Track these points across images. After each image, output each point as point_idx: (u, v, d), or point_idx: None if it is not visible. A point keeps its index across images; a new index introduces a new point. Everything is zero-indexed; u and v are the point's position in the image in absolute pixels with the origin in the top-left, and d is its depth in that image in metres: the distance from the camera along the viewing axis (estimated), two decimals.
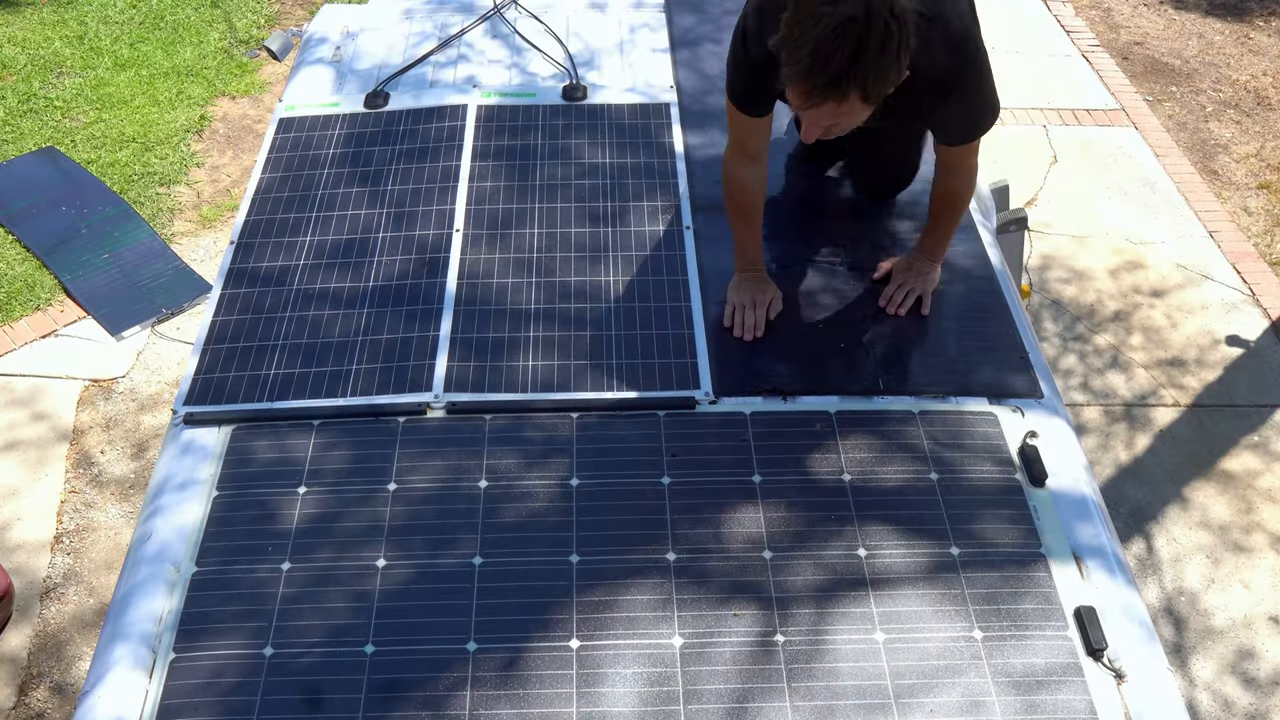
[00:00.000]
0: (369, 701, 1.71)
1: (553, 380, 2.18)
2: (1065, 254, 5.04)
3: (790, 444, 2.07)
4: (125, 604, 1.86)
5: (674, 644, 1.78)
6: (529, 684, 1.73)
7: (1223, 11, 6.94)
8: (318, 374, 2.21)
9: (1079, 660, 1.76)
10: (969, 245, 2.51)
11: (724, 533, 1.93)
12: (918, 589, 1.85)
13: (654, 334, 2.28)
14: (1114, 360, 4.52)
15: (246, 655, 1.76)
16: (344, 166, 2.71)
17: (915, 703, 1.71)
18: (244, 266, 2.47)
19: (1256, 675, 3.47)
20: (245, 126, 5.65)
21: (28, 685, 3.37)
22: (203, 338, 2.32)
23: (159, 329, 4.51)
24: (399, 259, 2.46)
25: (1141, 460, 4.12)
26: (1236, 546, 3.83)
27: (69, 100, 5.68)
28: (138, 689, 1.74)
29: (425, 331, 2.29)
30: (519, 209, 2.58)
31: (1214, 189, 5.48)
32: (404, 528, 1.93)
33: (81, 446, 4.06)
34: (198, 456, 2.07)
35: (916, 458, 2.05)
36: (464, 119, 2.83)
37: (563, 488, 1.99)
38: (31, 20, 6.31)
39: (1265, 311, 4.76)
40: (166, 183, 5.24)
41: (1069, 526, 1.95)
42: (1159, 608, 3.65)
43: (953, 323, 2.32)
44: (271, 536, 1.93)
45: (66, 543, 3.75)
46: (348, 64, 3.11)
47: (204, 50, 6.13)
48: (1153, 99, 6.13)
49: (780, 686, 1.72)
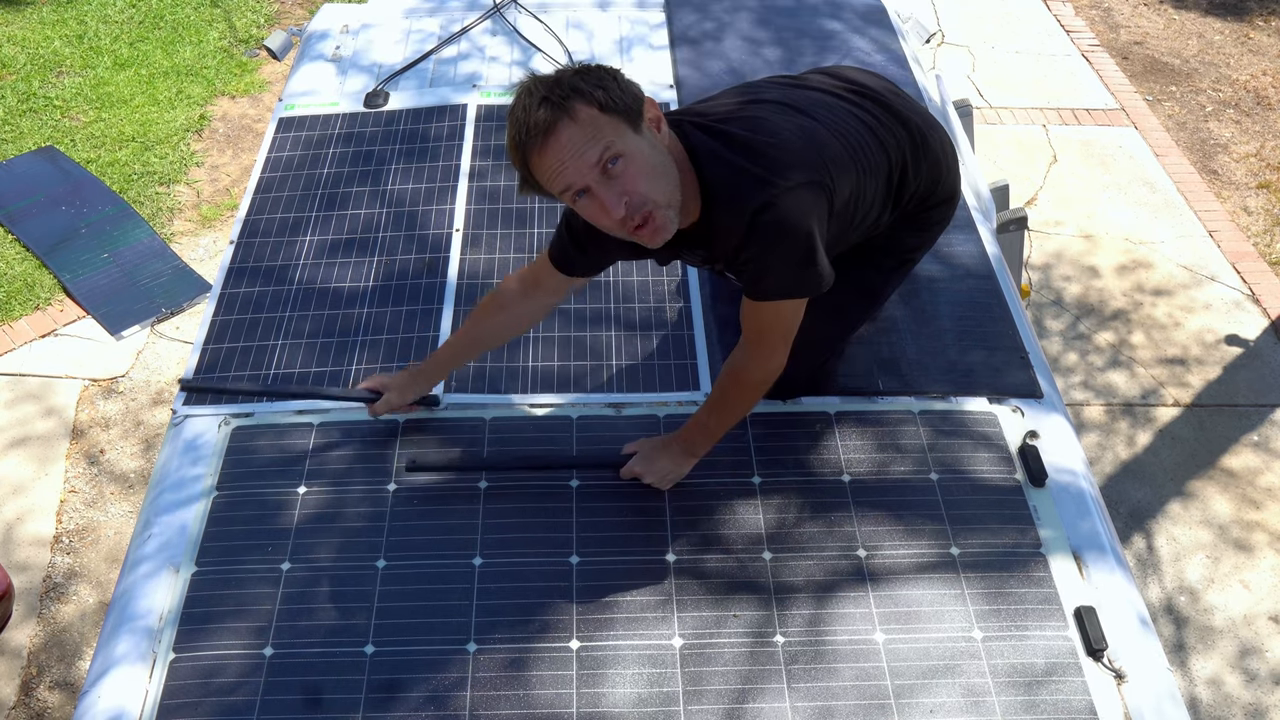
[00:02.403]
0: (369, 701, 1.71)
1: (553, 380, 2.18)
2: (1065, 254, 5.05)
3: (790, 444, 2.07)
4: (125, 602, 1.86)
5: (674, 644, 1.78)
6: (529, 684, 1.73)
7: (1223, 11, 6.94)
8: (317, 373, 2.21)
9: (1079, 660, 1.76)
10: (969, 245, 2.51)
11: (724, 533, 1.93)
12: (918, 589, 1.85)
13: (654, 333, 2.28)
14: (1114, 359, 4.53)
15: (246, 654, 1.76)
16: (344, 166, 2.71)
17: (915, 703, 1.71)
18: (244, 266, 2.47)
19: (1257, 674, 3.47)
20: (245, 126, 5.65)
21: (30, 683, 3.37)
22: (202, 337, 2.32)
23: (159, 328, 4.51)
24: (399, 258, 2.46)
25: (1141, 459, 4.12)
26: (1237, 545, 3.83)
27: (68, 99, 5.67)
28: (138, 687, 1.74)
29: (425, 331, 2.28)
30: (519, 208, 2.58)
31: (1214, 189, 5.48)
32: (404, 528, 1.93)
33: (82, 445, 4.06)
34: (198, 455, 2.07)
35: (916, 458, 2.05)
36: (464, 118, 2.83)
37: (563, 488, 1.99)
38: (31, 19, 6.30)
39: (1265, 311, 4.76)
40: (166, 182, 5.24)
41: (1069, 526, 1.95)
42: (1159, 607, 3.65)
43: (953, 322, 2.32)
44: (271, 536, 1.93)
45: (67, 541, 3.75)
46: (348, 63, 3.11)
47: (204, 50, 6.13)
48: (1153, 99, 6.13)
49: (780, 686, 1.72)
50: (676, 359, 2.23)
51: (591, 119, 1.64)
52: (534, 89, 1.66)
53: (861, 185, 1.89)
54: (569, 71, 1.68)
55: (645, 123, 1.71)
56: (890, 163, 1.96)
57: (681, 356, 2.23)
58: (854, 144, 1.88)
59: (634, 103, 1.69)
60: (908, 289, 2.39)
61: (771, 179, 1.73)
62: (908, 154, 1.99)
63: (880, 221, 2.03)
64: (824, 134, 1.84)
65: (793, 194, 1.73)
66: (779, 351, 1.89)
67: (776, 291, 1.81)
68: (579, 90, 1.64)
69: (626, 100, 1.67)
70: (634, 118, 1.68)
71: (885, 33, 3.15)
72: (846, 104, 1.97)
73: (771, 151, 1.76)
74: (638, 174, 1.67)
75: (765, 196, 1.73)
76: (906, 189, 2.02)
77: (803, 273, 1.78)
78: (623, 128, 1.67)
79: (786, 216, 1.73)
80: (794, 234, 1.74)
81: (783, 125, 1.82)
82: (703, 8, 3.27)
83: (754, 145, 1.77)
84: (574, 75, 1.66)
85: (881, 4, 3.30)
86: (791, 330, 1.88)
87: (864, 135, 1.91)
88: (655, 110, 1.74)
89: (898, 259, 2.15)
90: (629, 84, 1.70)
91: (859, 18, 3.20)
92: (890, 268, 2.15)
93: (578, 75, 1.67)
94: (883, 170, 1.95)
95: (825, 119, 1.88)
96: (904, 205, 2.05)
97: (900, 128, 1.99)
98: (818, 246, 1.78)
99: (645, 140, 1.70)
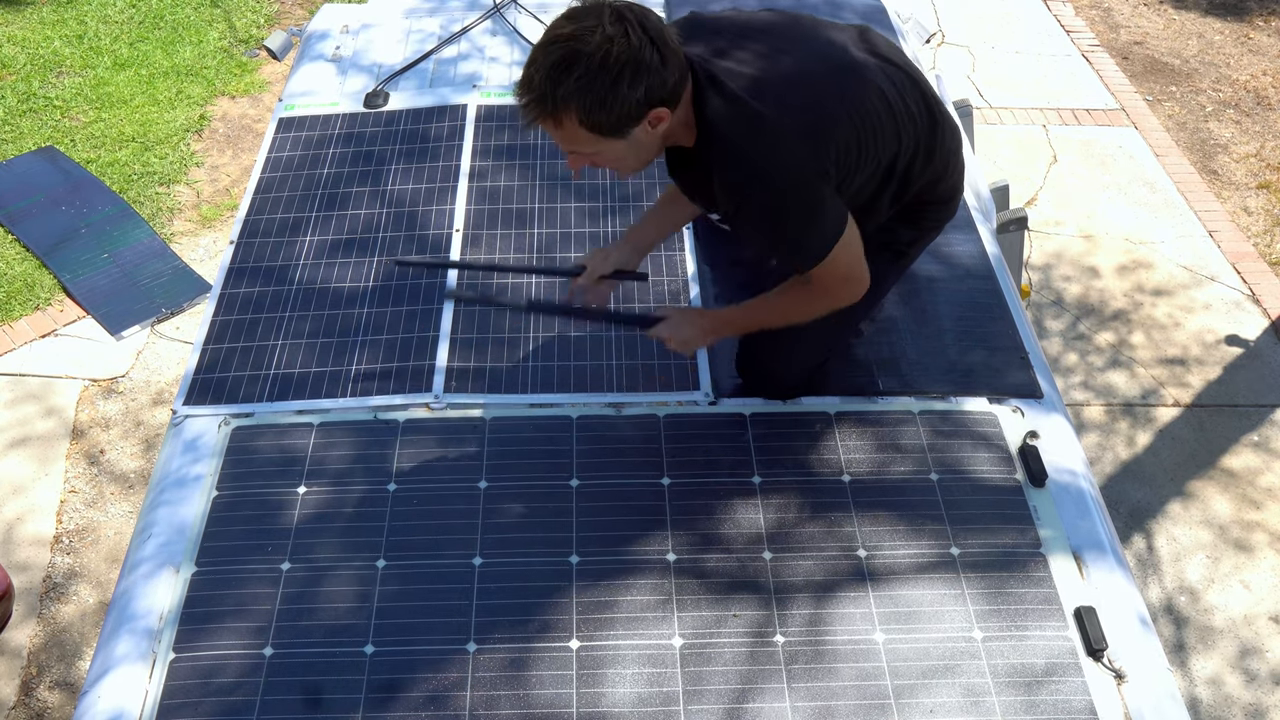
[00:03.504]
0: (369, 701, 1.71)
1: (553, 380, 2.18)
2: (1065, 254, 5.04)
3: (790, 444, 2.07)
4: (125, 602, 1.86)
5: (674, 644, 1.78)
6: (529, 684, 1.73)
7: (1223, 11, 6.94)
8: (317, 373, 2.21)
9: (1079, 660, 1.76)
10: (969, 245, 2.51)
11: (724, 533, 1.92)
12: (918, 589, 1.85)
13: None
14: (1114, 360, 4.52)
15: (246, 654, 1.76)
16: (344, 166, 2.71)
17: (915, 703, 1.71)
18: (244, 266, 2.47)
19: (1257, 674, 3.47)
20: (245, 126, 5.65)
21: (30, 682, 3.37)
22: (202, 337, 2.32)
23: (159, 328, 4.51)
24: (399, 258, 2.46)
25: (1141, 459, 4.12)
26: (1237, 545, 3.83)
27: (68, 99, 5.67)
28: (138, 687, 1.74)
29: (425, 331, 2.28)
30: (519, 208, 2.58)
31: (1214, 189, 5.48)
32: (404, 528, 1.93)
33: (82, 445, 4.06)
34: (198, 455, 2.07)
35: (916, 458, 2.05)
36: (464, 118, 2.83)
37: (563, 488, 1.99)
38: (31, 19, 6.30)
39: (1265, 311, 4.76)
40: (166, 182, 5.24)
41: (1069, 526, 1.95)
42: (1159, 607, 3.65)
43: (952, 322, 2.32)
44: (271, 536, 1.92)
45: (67, 541, 3.75)
46: (348, 63, 3.11)
47: (203, 50, 6.13)
48: (1153, 99, 6.13)
49: (780, 686, 1.72)
50: (676, 359, 2.23)
51: (572, 132, 1.71)
52: (540, 61, 1.66)
53: (861, 159, 1.88)
54: (582, 60, 1.64)
55: (638, 128, 1.72)
56: (901, 149, 1.95)
57: (682, 356, 2.23)
58: (869, 124, 1.87)
59: (623, 119, 1.69)
60: (908, 289, 2.39)
61: (771, 147, 1.76)
62: (922, 144, 1.98)
63: (877, 207, 2.03)
64: (838, 109, 1.83)
65: (792, 166, 1.77)
66: (845, 288, 1.94)
67: (811, 255, 1.85)
68: (569, 101, 1.66)
69: (613, 119, 1.69)
70: (619, 131, 1.71)
71: (885, 33, 3.15)
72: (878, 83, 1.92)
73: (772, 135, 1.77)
74: (604, 164, 1.81)
75: (766, 164, 1.76)
76: (911, 184, 2.02)
77: (825, 226, 1.82)
78: (602, 141, 1.73)
79: (784, 187, 1.77)
80: (797, 202, 1.78)
81: (795, 102, 1.80)
82: (702, 8, 3.26)
83: (765, 117, 1.76)
84: (578, 79, 1.64)
85: (881, 4, 3.30)
86: (854, 264, 1.91)
87: (881, 114, 1.89)
88: (661, 113, 1.73)
89: (893, 251, 2.15)
90: (628, 95, 1.67)
91: (859, 18, 3.20)
92: (887, 260, 2.15)
93: (581, 79, 1.64)
94: (889, 151, 1.93)
95: (849, 93, 1.86)
96: (904, 199, 2.05)
97: (925, 115, 1.98)
98: (823, 198, 1.80)
99: (624, 143, 1.74)
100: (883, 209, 2.03)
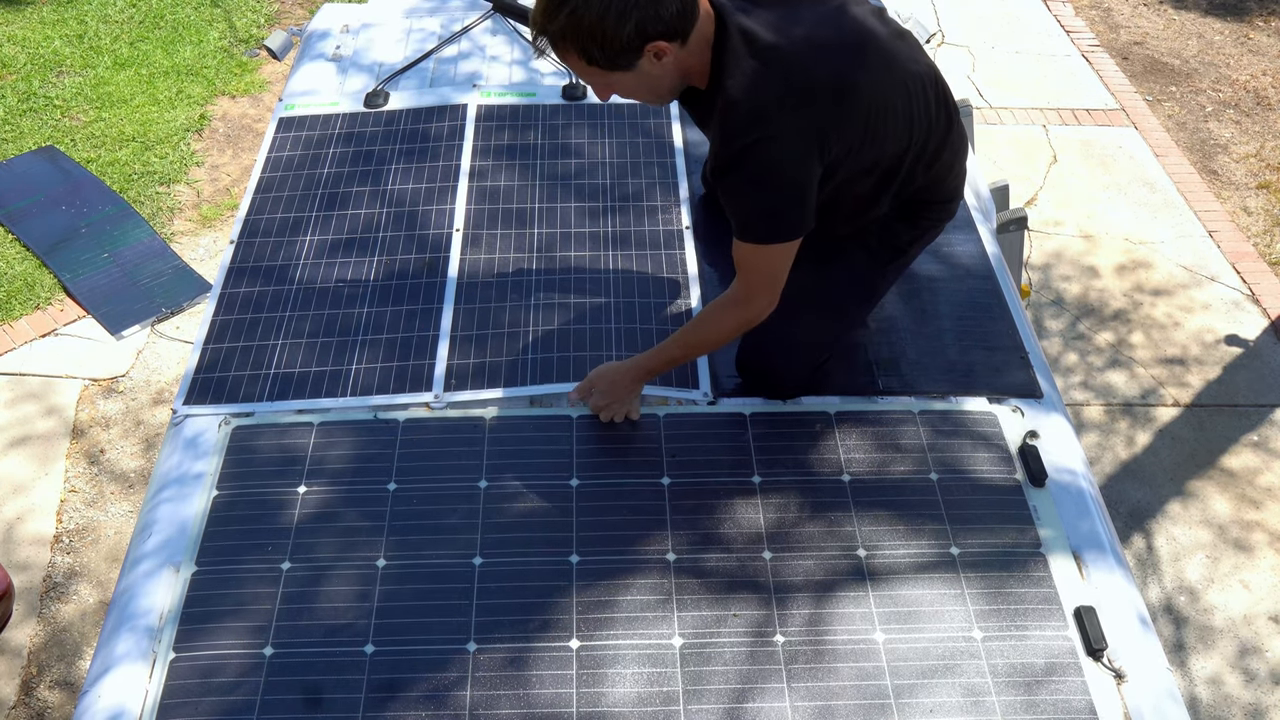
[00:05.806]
0: (369, 701, 1.71)
1: (552, 374, 2.18)
2: (1065, 254, 5.05)
3: (790, 444, 2.07)
4: (125, 602, 1.86)
5: (674, 644, 1.78)
6: (529, 684, 1.73)
7: (1223, 11, 6.94)
8: (318, 373, 2.21)
9: (1079, 660, 1.76)
10: (969, 245, 2.51)
11: (724, 533, 1.93)
12: (917, 589, 1.85)
13: (654, 329, 2.28)
14: (1114, 359, 4.53)
15: (246, 654, 1.76)
16: (344, 166, 2.71)
17: (915, 703, 1.71)
18: (244, 265, 2.47)
19: (1257, 673, 3.47)
20: (245, 126, 5.65)
21: (30, 682, 3.38)
22: (202, 336, 2.32)
23: (159, 328, 4.51)
24: (399, 258, 2.46)
25: (1141, 459, 4.12)
26: (1236, 545, 3.83)
27: (69, 99, 5.67)
28: (138, 687, 1.74)
29: (425, 331, 2.29)
30: (519, 208, 2.58)
31: (1214, 189, 5.48)
32: (404, 527, 1.93)
33: (82, 445, 4.06)
34: (198, 455, 2.07)
35: (916, 458, 2.05)
36: (464, 118, 2.83)
37: (563, 488, 2.00)
38: (31, 19, 6.30)
39: (1265, 311, 4.76)
40: (166, 182, 5.24)
41: (1069, 526, 1.95)
42: (1159, 607, 3.65)
43: (952, 322, 2.32)
44: (271, 535, 1.93)
45: (67, 541, 3.75)
46: (348, 63, 3.11)
47: (204, 49, 6.13)
48: (1152, 99, 6.13)
49: (780, 686, 1.72)
50: None
51: (578, 65, 1.80)
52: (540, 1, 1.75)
53: (863, 145, 1.88)
54: (565, 10, 1.71)
55: (641, 59, 1.77)
56: (911, 142, 1.94)
57: None
58: (880, 109, 1.87)
59: (620, 52, 1.75)
60: (908, 289, 2.39)
61: (769, 116, 1.77)
62: (931, 145, 1.98)
63: (878, 201, 2.02)
64: (859, 84, 1.83)
65: (784, 139, 1.78)
66: (762, 294, 1.93)
67: (754, 234, 1.86)
68: (565, 36, 1.75)
69: (609, 53, 1.75)
70: (620, 64, 1.78)
71: None
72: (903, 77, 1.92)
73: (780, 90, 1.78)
74: (625, 95, 1.87)
75: (759, 133, 1.77)
76: (914, 180, 2.02)
77: (782, 217, 1.84)
78: (609, 74, 1.81)
79: (772, 158, 1.79)
80: (776, 178, 1.80)
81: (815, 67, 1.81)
82: None
83: (772, 81, 1.78)
84: (568, 15, 1.71)
85: (881, 4, 3.30)
86: (776, 275, 1.91)
87: (896, 102, 1.89)
88: (661, 45, 1.76)
89: (892, 250, 2.14)
90: (617, 28, 1.71)
91: None
92: (885, 260, 2.15)
93: (571, 15, 1.71)
94: (898, 142, 1.92)
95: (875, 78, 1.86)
96: (904, 195, 2.05)
97: (942, 113, 1.98)
98: (801, 193, 1.82)
99: (632, 75, 1.80)
100: (883, 204, 2.04)
